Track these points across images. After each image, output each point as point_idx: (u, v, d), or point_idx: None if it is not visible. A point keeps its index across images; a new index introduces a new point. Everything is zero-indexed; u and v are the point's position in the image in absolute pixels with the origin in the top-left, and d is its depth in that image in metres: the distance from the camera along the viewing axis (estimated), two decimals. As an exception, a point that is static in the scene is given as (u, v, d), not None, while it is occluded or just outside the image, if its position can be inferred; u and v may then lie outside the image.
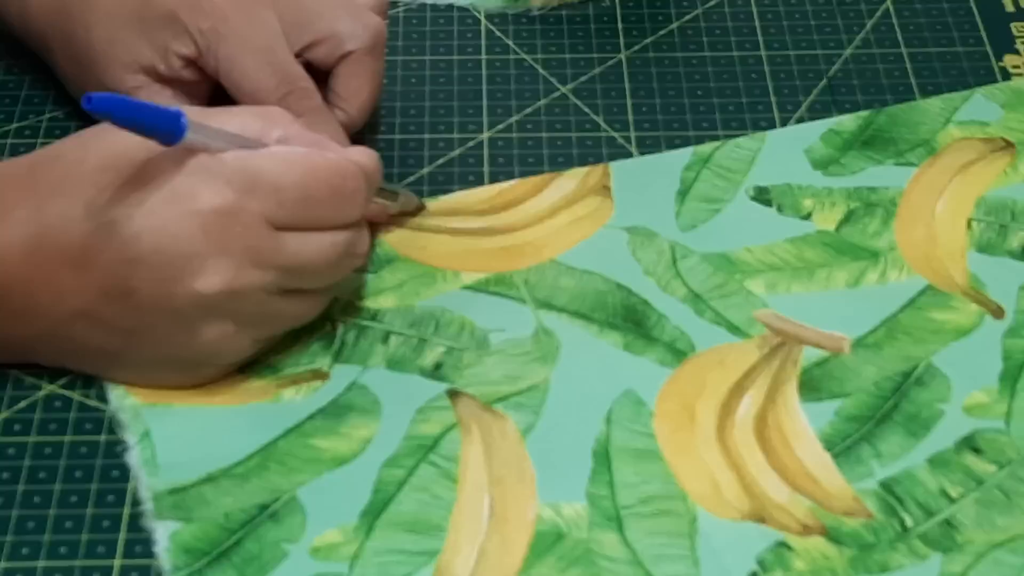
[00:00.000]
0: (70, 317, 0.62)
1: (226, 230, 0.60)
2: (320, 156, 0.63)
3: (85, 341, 0.63)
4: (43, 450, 0.63)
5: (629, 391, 0.65)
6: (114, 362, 0.64)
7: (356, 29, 0.72)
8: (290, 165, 0.62)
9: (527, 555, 0.60)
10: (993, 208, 0.73)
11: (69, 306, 0.61)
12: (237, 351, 0.64)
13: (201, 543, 0.60)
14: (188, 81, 0.71)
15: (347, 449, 0.63)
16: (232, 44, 0.69)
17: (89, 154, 0.61)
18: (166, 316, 0.62)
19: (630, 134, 0.77)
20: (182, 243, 0.60)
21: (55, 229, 0.61)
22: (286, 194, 0.61)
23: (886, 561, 0.60)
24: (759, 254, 0.71)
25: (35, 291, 0.61)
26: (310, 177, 0.62)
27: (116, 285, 0.61)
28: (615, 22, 0.83)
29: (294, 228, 0.62)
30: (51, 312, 0.62)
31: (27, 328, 0.63)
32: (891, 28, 0.83)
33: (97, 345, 0.63)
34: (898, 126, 0.77)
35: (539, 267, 0.70)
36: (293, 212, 0.62)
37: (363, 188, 0.64)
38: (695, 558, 0.60)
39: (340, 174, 0.63)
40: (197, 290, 0.61)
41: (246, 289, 0.61)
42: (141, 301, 0.61)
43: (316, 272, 0.63)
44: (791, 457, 0.64)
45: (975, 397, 0.66)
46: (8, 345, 0.64)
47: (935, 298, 0.69)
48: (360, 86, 0.72)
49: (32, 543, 0.60)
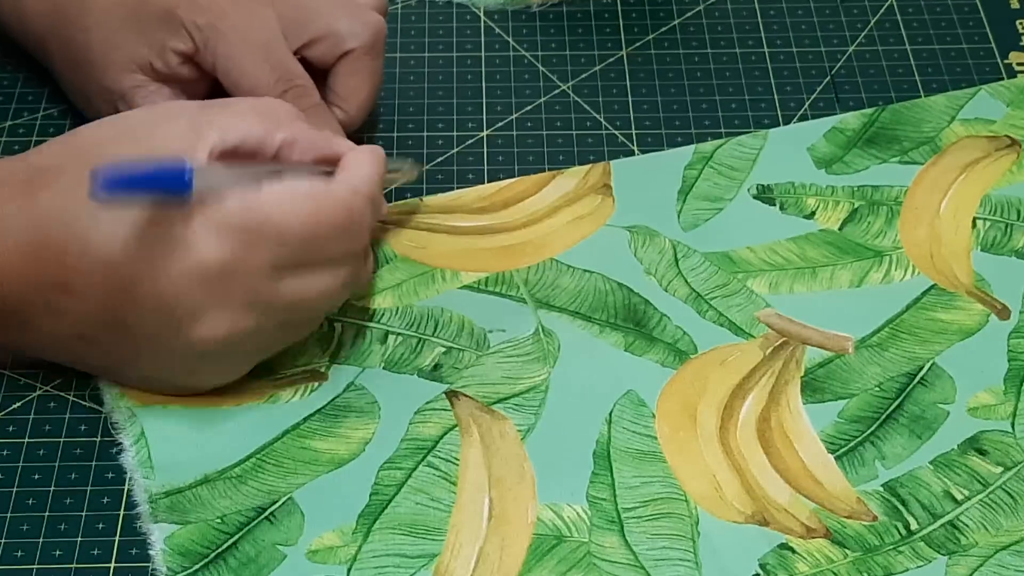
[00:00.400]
0: (68, 338, 0.62)
1: (227, 283, 0.60)
2: (325, 193, 0.61)
3: (84, 358, 0.63)
4: (37, 452, 0.63)
5: (630, 392, 0.65)
6: (117, 375, 0.64)
7: (355, 27, 0.71)
8: (295, 205, 0.60)
9: (527, 558, 0.60)
10: (998, 207, 0.73)
11: (67, 328, 0.61)
12: (237, 373, 0.64)
13: (197, 545, 0.60)
14: (186, 79, 0.71)
15: (345, 450, 0.63)
16: (230, 41, 0.69)
17: (87, 162, 0.60)
18: (163, 353, 0.61)
19: (631, 132, 0.76)
20: (181, 295, 0.59)
21: (53, 238, 0.60)
22: (291, 237, 0.60)
23: (890, 564, 0.60)
24: (761, 253, 0.71)
25: (34, 313, 0.61)
26: (315, 218, 0.61)
27: (113, 317, 0.60)
28: (616, 19, 0.82)
29: (298, 267, 0.61)
30: (51, 332, 0.61)
31: (28, 338, 0.63)
32: (895, 25, 0.82)
33: (97, 363, 0.63)
34: (902, 124, 0.77)
35: (539, 266, 0.70)
36: (297, 254, 0.61)
37: (368, 216, 0.63)
38: (696, 561, 0.60)
39: (346, 209, 0.62)
40: (194, 338, 0.60)
41: (246, 332, 0.61)
42: (137, 336, 0.61)
43: (318, 308, 0.63)
44: (794, 458, 0.63)
45: (980, 398, 0.65)
46: (9, 346, 0.64)
47: (940, 298, 0.69)
48: (359, 85, 0.72)
49: (27, 545, 0.60)
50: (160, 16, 0.69)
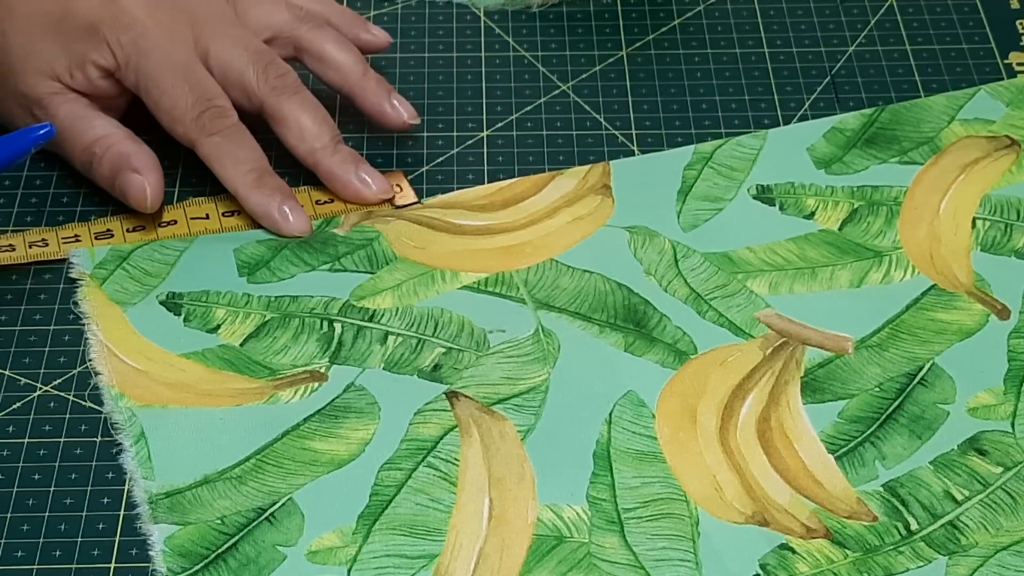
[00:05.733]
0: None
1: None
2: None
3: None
4: (37, 452, 0.63)
5: (630, 392, 0.65)
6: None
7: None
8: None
9: (527, 558, 0.60)
10: (998, 207, 0.73)
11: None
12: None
13: (197, 546, 0.60)
14: (104, 95, 0.72)
15: (345, 451, 0.63)
16: (152, 59, 0.70)
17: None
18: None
19: (631, 132, 0.76)
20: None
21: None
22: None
23: (890, 564, 0.60)
24: (761, 254, 0.71)
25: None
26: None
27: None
28: (616, 19, 0.82)
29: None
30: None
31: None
32: (895, 25, 0.82)
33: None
34: (901, 124, 0.77)
35: (539, 267, 0.70)
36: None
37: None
38: (697, 561, 0.60)
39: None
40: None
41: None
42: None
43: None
44: (794, 459, 0.63)
45: (980, 398, 0.65)
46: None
47: (939, 298, 0.69)
48: (332, 50, 0.74)
49: (27, 545, 0.60)
50: (83, 29, 0.70)
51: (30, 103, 0.71)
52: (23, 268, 0.70)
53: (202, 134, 0.70)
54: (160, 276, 0.69)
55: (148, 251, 0.70)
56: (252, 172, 0.71)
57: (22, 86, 0.71)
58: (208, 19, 0.72)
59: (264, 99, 0.71)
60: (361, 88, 0.74)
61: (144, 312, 0.68)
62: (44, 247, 0.70)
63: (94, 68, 0.70)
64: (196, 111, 0.70)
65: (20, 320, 0.68)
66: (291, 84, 0.72)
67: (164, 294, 0.69)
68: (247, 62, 0.71)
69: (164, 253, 0.70)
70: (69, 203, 0.73)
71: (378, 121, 0.74)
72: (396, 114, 0.74)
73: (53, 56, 0.71)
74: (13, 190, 0.73)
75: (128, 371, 0.66)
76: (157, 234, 0.71)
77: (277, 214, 0.71)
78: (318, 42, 0.74)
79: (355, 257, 0.70)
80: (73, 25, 0.70)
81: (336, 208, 0.72)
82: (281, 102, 0.71)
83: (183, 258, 0.70)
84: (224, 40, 0.72)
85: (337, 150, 0.72)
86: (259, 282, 0.69)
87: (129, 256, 0.70)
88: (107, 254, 0.70)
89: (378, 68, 0.76)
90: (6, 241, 0.70)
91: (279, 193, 0.71)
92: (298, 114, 0.71)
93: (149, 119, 0.72)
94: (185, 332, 0.67)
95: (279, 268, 0.70)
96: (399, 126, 0.74)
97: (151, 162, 0.70)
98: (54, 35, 0.70)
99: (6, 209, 0.72)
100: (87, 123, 0.71)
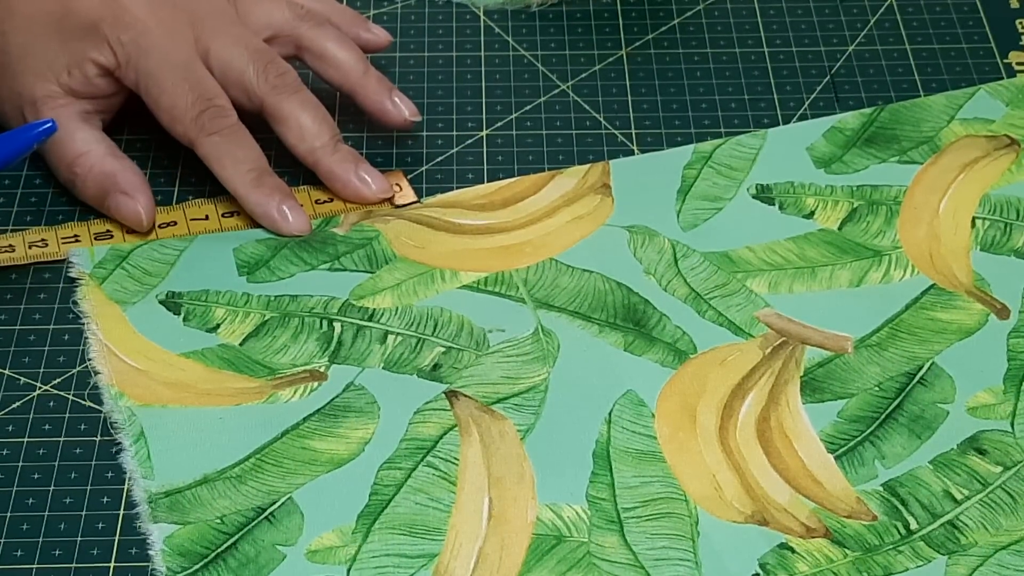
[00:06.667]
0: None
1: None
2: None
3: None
4: (37, 451, 0.63)
5: (630, 392, 0.65)
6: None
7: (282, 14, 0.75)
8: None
9: (526, 558, 0.60)
10: (997, 206, 0.73)
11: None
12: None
13: (196, 546, 0.60)
14: (100, 93, 0.72)
15: (344, 451, 0.63)
16: (152, 58, 0.70)
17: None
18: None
19: (631, 131, 0.76)
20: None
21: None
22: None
23: (890, 563, 0.60)
24: (761, 253, 0.71)
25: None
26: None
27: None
28: (616, 19, 0.82)
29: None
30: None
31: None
32: (894, 24, 0.82)
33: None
34: (901, 123, 0.77)
35: (538, 266, 0.70)
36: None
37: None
38: (696, 560, 0.60)
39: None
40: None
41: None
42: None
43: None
44: (793, 458, 0.63)
45: (980, 398, 0.65)
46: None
47: (939, 297, 0.69)
48: (332, 47, 0.74)
49: (26, 545, 0.60)
50: (84, 28, 0.70)
51: (23, 102, 0.71)
52: (23, 268, 0.70)
53: (201, 133, 0.70)
54: (159, 275, 0.69)
55: (147, 250, 0.70)
56: (251, 172, 0.71)
57: (18, 85, 0.71)
58: (209, 18, 0.72)
59: (264, 98, 0.71)
60: (362, 86, 0.74)
61: (144, 311, 0.68)
62: (44, 247, 0.70)
63: (93, 66, 0.70)
64: (196, 110, 0.70)
65: (20, 319, 0.68)
66: (291, 83, 0.72)
67: (164, 293, 0.69)
68: (247, 61, 0.71)
69: (163, 252, 0.70)
70: (69, 203, 0.73)
71: (379, 119, 0.74)
72: (397, 111, 0.74)
73: (52, 55, 0.71)
74: (13, 190, 0.73)
75: (128, 370, 0.66)
76: (157, 235, 0.71)
77: (276, 213, 0.71)
78: (319, 40, 0.74)
79: (355, 256, 0.70)
80: (74, 23, 0.70)
81: (336, 207, 0.72)
82: (281, 101, 0.71)
83: (183, 257, 0.70)
84: (224, 39, 0.71)
85: (337, 149, 0.72)
86: (259, 281, 0.69)
87: (129, 256, 0.70)
88: (106, 254, 0.70)
89: (378, 67, 0.76)
90: (6, 241, 0.70)
91: (278, 192, 0.71)
92: (298, 113, 0.71)
93: (148, 117, 0.72)
94: (185, 331, 0.67)
95: (279, 267, 0.70)
96: (400, 123, 0.74)
97: (138, 181, 0.70)
98: (54, 34, 0.70)
99: (6, 209, 0.72)
100: (67, 135, 0.71)
